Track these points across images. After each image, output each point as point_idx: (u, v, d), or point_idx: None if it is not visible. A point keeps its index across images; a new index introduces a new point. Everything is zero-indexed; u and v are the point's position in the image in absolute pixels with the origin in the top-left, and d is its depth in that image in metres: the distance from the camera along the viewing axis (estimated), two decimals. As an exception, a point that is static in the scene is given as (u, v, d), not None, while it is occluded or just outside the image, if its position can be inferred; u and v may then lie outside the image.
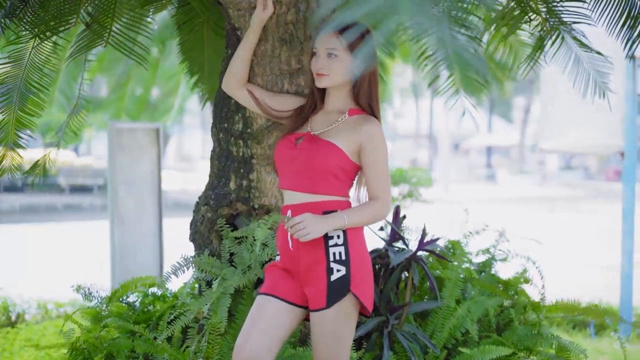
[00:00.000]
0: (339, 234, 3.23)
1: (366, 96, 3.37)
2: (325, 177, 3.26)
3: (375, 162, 3.29)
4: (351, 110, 3.37)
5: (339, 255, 3.23)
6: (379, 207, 3.29)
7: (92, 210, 23.77)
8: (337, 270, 3.22)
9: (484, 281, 4.67)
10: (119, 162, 8.39)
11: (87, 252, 14.28)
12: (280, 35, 3.95)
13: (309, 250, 3.26)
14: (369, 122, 3.31)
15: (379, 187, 3.29)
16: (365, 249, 3.33)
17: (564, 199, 28.31)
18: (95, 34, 4.60)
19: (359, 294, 3.22)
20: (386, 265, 4.41)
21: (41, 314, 7.74)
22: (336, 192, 3.29)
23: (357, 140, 3.28)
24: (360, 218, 3.26)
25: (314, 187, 3.28)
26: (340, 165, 3.26)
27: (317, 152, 3.28)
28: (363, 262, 3.27)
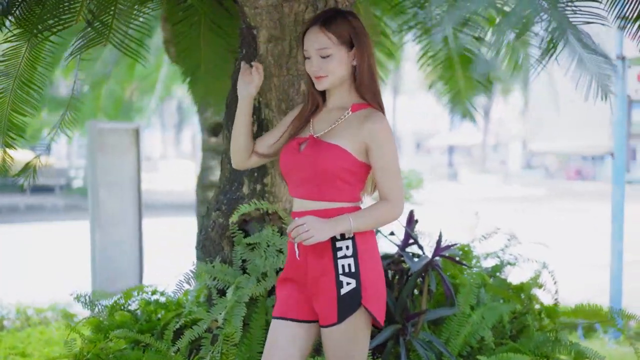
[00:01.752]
0: (348, 244, 3.05)
1: (367, 87, 3.15)
2: (333, 182, 3.07)
3: (382, 161, 3.06)
4: (354, 105, 3.16)
5: (348, 267, 3.04)
6: (389, 208, 3.08)
7: (55, 211, 23.34)
8: (347, 283, 3.03)
9: (496, 286, 4.57)
10: (99, 162, 8.18)
11: (57, 254, 13.99)
12: (298, 34, 3.82)
13: (316, 261, 3.08)
14: (371, 118, 3.07)
15: (389, 187, 3.07)
16: (377, 258, 3.13)
17: (528, 198, 28.47)
18: (97, 32, 4.44)
19: (371, 307, 3.04)
20: (400, 271, 4.30)
21: (21, 320, 7.51)
22: (346, 198, 3.09)
23: (362, 138, 3.06)
24: (368, 221, 3.04)
25: (322, 194, 3.09)
26: (347, 168, 3.05)
27: (322, 157, 3.07)
28: (374, 273, 3.08)
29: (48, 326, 7.29)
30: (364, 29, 3.16)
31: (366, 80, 3.14)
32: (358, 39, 3.11)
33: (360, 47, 3.11)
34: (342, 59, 3.11)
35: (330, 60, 3.11)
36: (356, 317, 3.03)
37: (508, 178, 41.00)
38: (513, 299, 4.57)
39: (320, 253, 3.07)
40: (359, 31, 3.13)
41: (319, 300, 3.08)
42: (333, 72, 3.12)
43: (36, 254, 14.16)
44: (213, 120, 7.38)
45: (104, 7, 4.41)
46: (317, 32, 3.11)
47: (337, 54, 3.10)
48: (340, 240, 3.05)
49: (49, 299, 9.20)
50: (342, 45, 3.10)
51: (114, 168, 8.50)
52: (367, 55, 3.13)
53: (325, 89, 3.19)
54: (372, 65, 3.15)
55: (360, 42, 3.11)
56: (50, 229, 18.21)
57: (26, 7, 4.37)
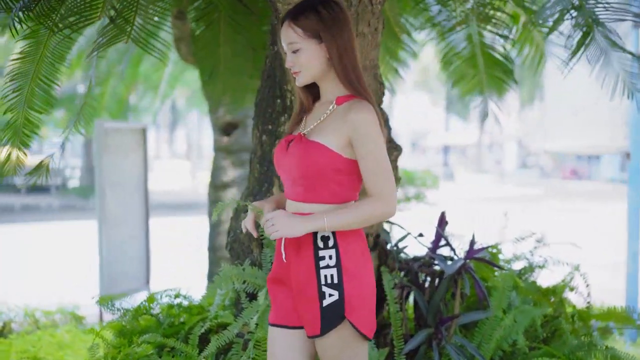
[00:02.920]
0: (331, 254, 2.85)
1: (346, 78, 2.91)
2: (319, 182, 2.87)
3: (364, 153, 2.82)
4: (339, 98, 2.95)
5: (331, 278, 2.84)
6: (377, 206, 2.82)
7: (50, 211, 23.18)
8: (329, 294, 2.84)
9: (527, 289, 4.48)
10: (105, 163, 8.07)
11: (58, 254, 13.86)
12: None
13: (299, 267, 2.91)
14: (353, 108, 2.85)
15: (373, 182, 2.83)
16: (363, 266, 2.90)
17: (524, 198, 28.42)
18: (119, 28, 4.33)
19: (354, 320, 2.84)
20: (432, 273, 4.20)
21: (29, 322, 7.38)
22: (334, 199, 2.89)
23: (344, 132, 2.84)
24: (348, 220, 2.81)
25: (307, 195, 2.91)
26: (332, 167, 2.85)
27: (305, 155, 2.88)
28: (360, 283, 2.86)
29: (57, 329, 7.17)
30: (337, 19, 2.92)
31: (344, 70, 2.92)
32: (326, 30, 2.89)
33: (328, 38, 2.89)
34: (313, 53, 2.91)
35: (300, 55, 2.93)
36: (340, 330, 2.86)
37: (503, 177, 40.99)
38: (544, 302, 4.47)
39: (303, 260, 2.90)
40: (328, 22, 2.90)
41: (303, 309, 2.91)
42: (306, 66, 2.93)
43: (36, 254, 14.03)
44: (225, 120, 7.27)
45: (126, 4, 4.31)
46: (286, 27, 2.95)
47: (306, 48, 2.92)
48: (322, 249, 2.87)
49: (55, 300, 9.09)
50: (310, 38, 2.91)
51: (121, 168, 8.38)
52: (341, 45, 2.90)
53: (303, 84, 2.99)
54: (350, 54, 2.92)
55: (329, 33, 2.89)
56: (47, 229, 18.08)
57: (46, 3, 4.25)
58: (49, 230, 17.87)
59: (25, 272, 11.98)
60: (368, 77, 3.84)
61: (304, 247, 2.90)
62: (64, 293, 10.17)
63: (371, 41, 3.82)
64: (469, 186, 34.84)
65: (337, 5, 2.95)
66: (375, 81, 3.91)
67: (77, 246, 14.71)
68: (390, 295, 3.97)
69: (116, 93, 10.18)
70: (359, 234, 2.93)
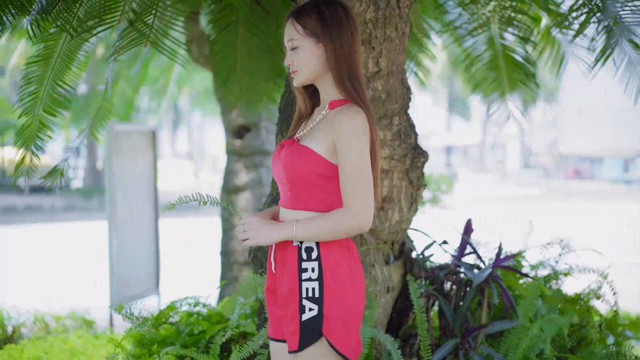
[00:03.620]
0: (314, 266, 2.73)
1: (342, 81, 2.80)
2: (305, 188, 2.77)
3: (343, 160, 2.70)
4: (332, 102, 2.84)
5: (312, 291, 2.72)
6: (345, 218, 2.70)
7: (53, 211, 23.09)
8: (309, 309, 2.73)
9: (552, 297, 4.40)
10: (116, 166, 7.99)
11: (63, 256, 13.77)
12: (359, 35, 3.63)
13: (284, 278, 2.81)
14: (341, 112, 2.75)
15: (347, 192, 2.70)
16: (349, 282, 2.76)
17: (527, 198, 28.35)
18: (138, 32, 4.26)
19: (333, 339, 2.71)
20: (458, 282, 4.11)
21: (39, 327, 7.30)
22: (322, 207, 2.77)
23: (331, 137, 2.73)
24: (317, 230, 2.70)
25: (294, 202, 2.81)
26: (318, 172, 2.74)
27: (292, 160, 2.78)
28: (342, 300, 2.73)
29: (68, 334, 7.09)
30: (339, 20, 2.82)
31: (339, 73, 2.81)
32: (325, 30, 2.81)
33: (327, 39, 2.80)
34: (310, 52, 2.82)
35: (298, 53, 2.84)
36: (318, 347, 2.73)
37: (506, 177, 40.90)
38: (575, 311, 4.39)
39: (287, 271, 2.80)
40: (329, 22, 2.81)
41: (286, 322, 2.81)
42: (302, 66, 2.84)
43: (42, 256, 13.93)
44: (238, 122, 7.18)
45: (146, 7, 4.24)
46: (289, 24, 2.87)
47: (304, 46, 2.83)
48: (306, 261, 2.76)
49: (63, 303, 9.03)
50: (309, 36, 2.82)
51: (130, 171, 8.30)
52: (339, 47, 2.80)
53: (301, 84, 2.90)
54: (349, 58, 2.82)
55: (328, 33, 2.80)
56: (51, 230, 17.99)
57: (64, 5, 4.17)
58: (53, 232, 17.79)
59: (31, 275, 11.90)
60: (395, 82, 3.76)
61: (289, 257, 2.80)
62: (73, 296, 10.11)
63: (398, 45, 3.75)
64: (472, 186, 34.76)
65: (341, 8, 2.86)
66: (403, 86, 3.83)
67: (83, 248, 14.64)
68: (417, 305, 3.89)
69: (123, 95, 10.10)
70: (346, 247, 2.80)
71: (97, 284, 10.53)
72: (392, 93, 3.76)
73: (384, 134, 3.77)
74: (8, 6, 3.95)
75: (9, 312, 7.30)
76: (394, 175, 3.85)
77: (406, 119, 3.86)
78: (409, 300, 4.06)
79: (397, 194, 3.88)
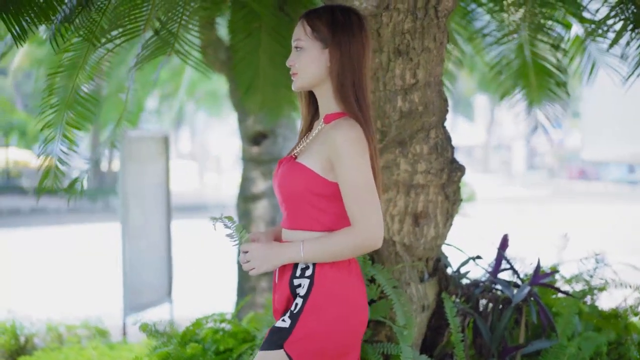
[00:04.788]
0: (304, 283, 2.63)
1: (343, 93, 2.67)
2: (301, 207, 2.66)
3: (343, 176, 2.59)
4: (327, 116, 2.72)
5: (295, 306, 2.64)
6: (352, 237, 2.59)
7: (58, 213, 22.97)
8: (282, 320, 2.64)
9: (589, 314, 4.27)
10: (129, 171, 7.88)
11: (71, 260, 13.65)
12: (396, 45, 3.52)
13: (282, 293, 2.72)
14: (334, 127, 2.63)
15: (353, 209, 2.59)
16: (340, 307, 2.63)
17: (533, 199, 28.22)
18: (163, 40, 4.15)
19: (293, 354, 2.59)
20: (494, 299, 3.99)
21: (52, 337, 7.18)
22: (317, 226, 2.66)
23: (325, 153, 2.62)
24: (324, 250, 2.59)
25: (292, 222, 2.70)
26: (312, 190, 2.63)
27: (285, 178, 2.68)
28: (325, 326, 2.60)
29: (81, 343, 6.99)
30: (350, 28, 2.70)
31: (340, 84, 2.68)
32: (334, 36, 2.68)
33: (333, 45, 2.67)
34: (314, 56, 2.70)
35: (301, 54, 2.72)
36: (271, 355, 2.61)
37: (511, 178, 40.77)
38: (607, 327, 4.26)
39: (284, 287, 2.71)
40: (339, 28, 2.69)
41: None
42: (303, 68, 2.71)
43: (49, 260, 13.81)
44: (254, 129, 7.06)
45: (172, 15, 4.12)
46: (299, 24, 2.76)
47: (309, 49, 2.70)
48: (297, 278, 2.66)
49: (72, 308, 8.92)
50: (316, 40, 2.70)
51: (143, 177, 8.20)
52: (345, 56, 2.67)
53: (299, 88, 2.77)
54: (355, 69, 2.69)
55: (336, 40, 2.68)
56: (57, 233, 17.87)
57: (86, 15, 4.05)
58: (59, 235, 17.67)
59: (40, 280, 11.78)
60: (432, 94, 3.65)
61: (285, 274, 2.71)
62: (83, 302, 9.99)
63: (436, 56, 3.63)
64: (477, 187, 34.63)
65: (356, 17, 2.75)
66: (440, 98, 3.71)
67: (91, 251, 14.51)
68: (453, 324, 3.77)
69: (134, 99, 9.98)
70: (346, 270, 2.67)
71: (107, 289, 10.41)
72: (429, 105, 3.64)
73: (421, 147, 3.66)
74: (30, 15, 3.82)
75: (22, 322, 7.19)
76: (430, 190, 3.73)
77: (443, 132, 3.75)
78: (443, 319, 3.94)
79: (433, 209, 3.76)
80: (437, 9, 3.56)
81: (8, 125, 25.36)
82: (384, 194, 3.65)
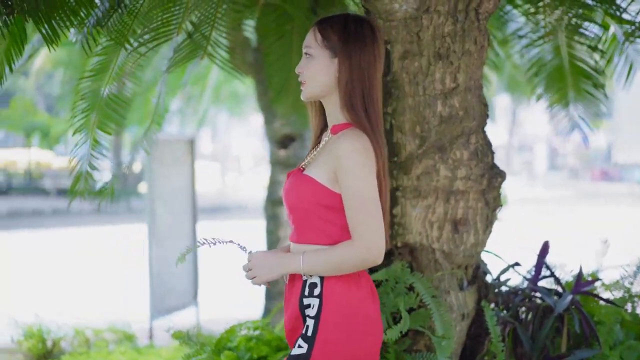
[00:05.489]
0: (314, 303, 2.56)
1: (350, 104, 2.59)
2: (307, 219, 2.59)
3: (345, 188, 2.51)
4: (334, 126, 2.65)
5: (307, 329, 2.56)
6: (352, 250, 2.51)
7: (80, 214, 22.98)
8: (299, 345, 2.56)
9: (630, 322, 4.17)
10: (156, 174, 7.84)
11: (94, 262, 13.63)
12: (437, 49, 3.44)
13: (291, 312, 2.65)
14: (340, 137, 2.56)
15: (354, 223, 2.51)
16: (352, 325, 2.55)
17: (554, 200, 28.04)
18: (196, 44, 4.10)
19: None
20: (534, 308, 3.90)
21: (78, 341, 7.15)
22: (326, 239, 2.58)
23: (331, 164, 2.55)
24: (323, 263, 2.52)
25: (299, 235, 2.63)
26: (319, 202, 2.56)
27: (292, 190, 2.63)
28: (338, 344, 2.53)
29: (108, 347, 6.96)
30: (361, 38, 2.61)
31: (348, 94, 2.59)
32: (344, 46, 2.60)
33: (343, 55, 2.59)
34: (323, 65, 2.62)
35: (310, 62, 2.65)
36: None
37: (533, 179, 40.54)
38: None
39: (294, 306, 2.64)
40: (350, 38, 2.61)
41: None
42: (312, 77, 2.63)
43: (73, 262, 13.81)
44: (282, 132, 7.01)
45: (205, 18, 4.07)
46: (311, 31, 2.69)
47: (317, 57, 2.63)
48: (307, 297, 2.58)
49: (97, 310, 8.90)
50: (325, 48, 2.62)
51: (170, 180, 8.16)
52: (355, 66, 2.59)
53: (307, 98, 2.70)
54: (364, 80, 2.60)
55: (346, 50, 2.59)
56: (80, 234, 17.89)
57: (118, 18, 3.99)
58: (81, 235, 17.69)
59: (62, 282, 11.78)
60: (472, 98, 3.57)
61: (295, 293, 2.64)
62: (107, 305, 9.97)
63: (477, 59, 3.55)
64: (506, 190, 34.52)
65: (369, 27, 2.66)
66: (480, 103, 3.63)
67: (112, 253, 14.49)
68: (494, 333, 3.68)
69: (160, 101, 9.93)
70: (355, 284, 2.58)
71: (131, 292, 10.38)
72: (469, 110, 3.56)
73: (461, 153, 3.58)
74: (62, 17, 3.77)
75: (48, 326, 7.17)
76: (470, 197, 3.65)
77: (483, 137, 3.66)
78: (483, 327, 3.85)
79: (473, 216, 3.68)
80: (478, 11, 3.49)
81: (30, 126, 25.47)
82: (422, 201, 3.58)
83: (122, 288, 10.88)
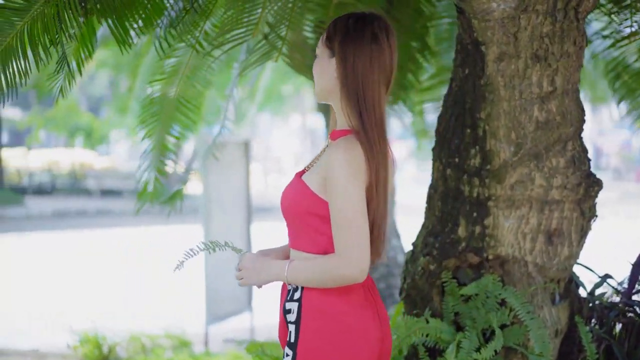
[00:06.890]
0: (294, 308, 2.44)
1: (349, 108, 2.40)
2: (299, 226, 2.46)
3: (332, 201, 2.36)
4: (334, 132, 2.50)
5: (289, 335, 2.45)
6: (333, 264, 2.36)
7: (124, 215, 22.97)
8: (286, 354, 2.45)
9: None
10: (211, 177, 7.72)
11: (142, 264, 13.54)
12: (534, 51, 3.25)
13: (280, 319, 2.53)
14: (334, 146, 2.40)
15: (337, 237, 2.36)
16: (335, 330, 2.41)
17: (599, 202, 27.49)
18: (271, 45, 3.94)
19: None
20: (631, 324, 3.69)
21: (134, 347, 7.05)
22: (315, 248, 2.44)
23: (323, 172, 2.40)
24: (306, 274, 2.40)
25: (292, 240, 2.51)
26: (309, 210, 2.42)
27: (287, 195, 2.50)
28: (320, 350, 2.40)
29: (164, 354, 6.85)
30: (360, 38, 2.40)
31: (347, 96, 2.40)
32: (341, 45, 2.41)
33: (339, 55, 2.40)
34: (324, 65, 2.45)
35: (316, 62, 2.50)
36: None
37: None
38: None
39: (280, 312, 2.53)
40: (348, 38, 2.41)
41: None
42: (316, 77, 2.49)
43: (120, 263, 13.73)
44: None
45: (281, 18, 3.91)
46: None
47: (320, 56, 2.48)
48: (288, 302, 2.46)
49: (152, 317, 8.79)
50: (326, 47, 2.45)
51: (225, 183, 8.03)
52: (350, 68, 2.39)
53: (318, 100, 2.55)
54: (363, 81, 2.39)
55: (342, 49, 2.40)
56: (124, 235, 17.84)
57: (190, 19, 3.85)
58: (124, 236, 17.65)
59: (112, 284, 11.70)
60: (570, 102, 3.37)
61: (282, 296, 2.53)
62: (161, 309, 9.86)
63: (575, 61, 3.36)
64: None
65: (371, 27, 2.43)
66: (577, 107, 3.43)
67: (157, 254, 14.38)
68: (590, 350, 3.48)
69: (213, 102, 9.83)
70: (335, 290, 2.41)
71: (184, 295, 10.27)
72: (566, 115, 3.37)
73: (557, 160, 3.38)
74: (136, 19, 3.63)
75: (104, 332, 7.08)
76: (565, 207, 3.45)
77: (580, 144, 3.46)
78: (575, 344, 3.65)
79: (567, 227, 3.48)
80: (578, 10, 3.29)
81: (73, 126, 25.55)
82: (515, 211, 3.39)
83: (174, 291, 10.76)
